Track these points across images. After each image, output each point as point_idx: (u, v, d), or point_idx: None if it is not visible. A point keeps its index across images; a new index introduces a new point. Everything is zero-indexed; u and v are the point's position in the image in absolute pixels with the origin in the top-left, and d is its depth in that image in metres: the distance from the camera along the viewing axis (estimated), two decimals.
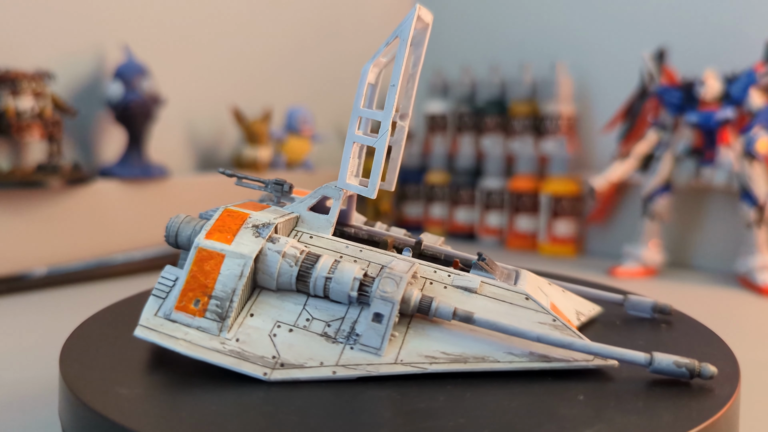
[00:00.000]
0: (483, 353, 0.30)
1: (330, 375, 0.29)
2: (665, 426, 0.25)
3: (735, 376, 0.31)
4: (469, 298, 0.32)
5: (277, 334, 0.30)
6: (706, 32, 0.81)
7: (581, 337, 0.31)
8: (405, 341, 0.30)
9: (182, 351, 0.29)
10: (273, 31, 0.95)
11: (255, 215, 0.33)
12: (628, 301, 0.40)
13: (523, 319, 0.31)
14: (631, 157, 0.79)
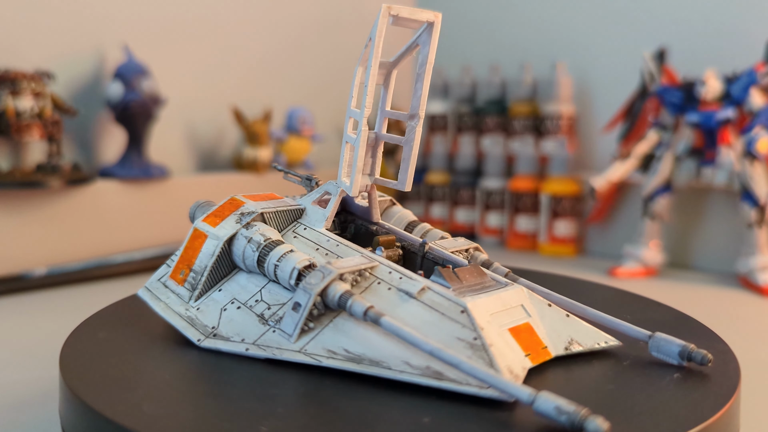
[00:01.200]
0: (380, 358, 0.29)
1: (243, 351, 0.32)
2: (665, 426, 0.25)
3: (735, 376, 0.31)
4: (403, 302, 0.31)
5: (227, 309, 0.34)
6: (706, 32, 0.81)
7: (494, 364, 0.27)
8: (320, 333, 0.31)
9: (158, 311, 0.35)
10: (273, 31, 0.95)
11: (249, 204, 0.36)
12: (654, 339, 0.32)
13: (444, 332, 0.29)
14: (632, 157, 0.79)
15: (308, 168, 0.95)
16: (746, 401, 0.39)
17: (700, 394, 0.28)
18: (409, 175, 0.35)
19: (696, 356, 0.31)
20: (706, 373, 0.31)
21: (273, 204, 0.37)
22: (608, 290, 0.46)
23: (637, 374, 0.31)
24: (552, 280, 0.47)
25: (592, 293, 0.45)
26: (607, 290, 0.46)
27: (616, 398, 0.28)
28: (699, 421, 0.26)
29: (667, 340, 0.32)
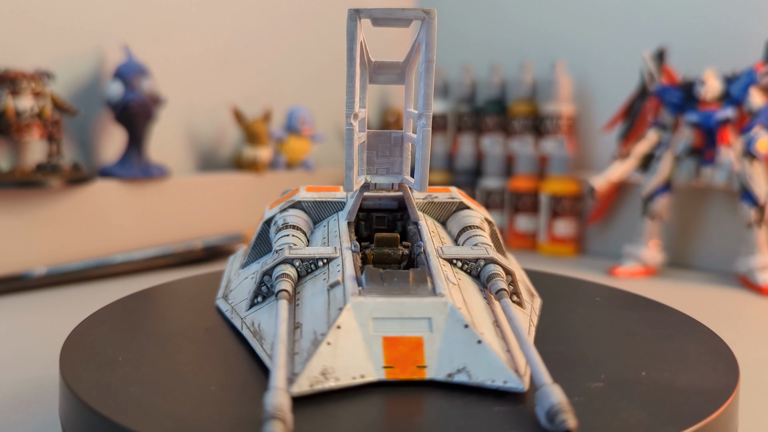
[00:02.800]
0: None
1: (219, 304, 0.39)
2: (663, 425, 0.25)
3: (735, 376, 0.31)
4: (318, 294, 0.31)
5: (246, 278, 0.38)
6: (706, 32, 0.81)
7: (310, 362, 0.27)
8: (261, 308, 0.35)
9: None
10: (273, 30, 0.95)
11: (299, 194, 0.40)
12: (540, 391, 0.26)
13: (317, 325, 0.29)
14: (631, 157, 0.79)
15: (308, 168, 0.95)
16: (745, 401, 0.39)
17: (699, 394, 0.28)
18: (423, 175, 0.35)
19: (557, 423, 0.23)
20: (705, 373, 0.31)
21: (319, 195, 0.40)
22: (608, 290, 0.46)
23: (636, 372, 0.31)
24: (552, 280, 0.47)
25: (591, 293, 0.45)
26: (606, 290, 0.46)
27: (613, 396, 0.28)
28: (698, 419, 0.26)
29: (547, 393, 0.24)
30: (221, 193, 0.84)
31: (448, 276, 0.32)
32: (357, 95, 0.33)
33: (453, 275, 0.32)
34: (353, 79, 0.33)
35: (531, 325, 0.35)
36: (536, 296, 0.40)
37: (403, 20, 0.32)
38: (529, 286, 0.41)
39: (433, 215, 0.41)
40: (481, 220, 0.39)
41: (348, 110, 0.33)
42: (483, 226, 0.39)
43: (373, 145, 0.37)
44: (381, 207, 0.40)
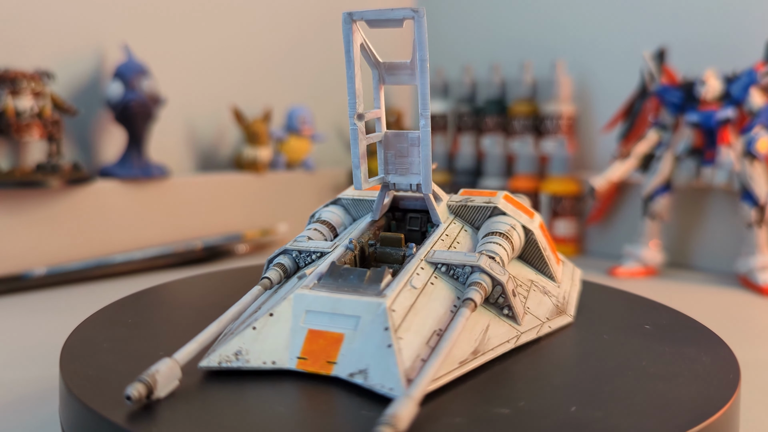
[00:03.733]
0: None
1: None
2: (665, 427, 0.25)
3: (735, 376, 0.31)
4: (289, 285, 0.34)
5: None
6: (706, 32, 0.81)
7: (228, 343, 0.30)
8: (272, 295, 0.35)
9: None
10: (273, 30, 0.95)
11: (346, 191, 0.42)
12: None
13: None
14: (632, 157, 0.79)
15: (308, 168, 0.95)
16: (746, 401, 0.39)
17: (700, 394, 0.28)
18: (426, 176, 0.35)
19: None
20: (705, 373, 0.31)
21: (360, 194, 0.42)
22: (608, 290, 0.46)
23: (635, 373, 0.31)
24: None
25: (591, 293, 0.45)
26: (606, 290, 0.46)
27: (612, 395, 0.28)
28: (698, 420, 0.26)
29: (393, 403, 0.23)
30: (221, 193, 0.84)
31: (412, 279, 0.31)
32: (359, 96, 0.34)
33: (425, 279, 0.32)
34: (352, 81, 0.33)
35: (508, 342, 0.32)
36: (566, 314, 0.38)
37: (394, 21, 0.32)
38: (564, 303, 0.38)
39: (467, 219, 0.39)
40: (509, 227, 0.37)
41: (350, 111, 0.34)
42: (511, 233, 0.37)
43: (391, 145, 0.37)
44: (417, 208, 0.40)
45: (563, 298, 0.39)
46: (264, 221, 0.89)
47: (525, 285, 0.37)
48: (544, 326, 0.35)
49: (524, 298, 0.36)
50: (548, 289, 0.38)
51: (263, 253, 0.86)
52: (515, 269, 0.38)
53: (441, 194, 0.40)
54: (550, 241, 0.40)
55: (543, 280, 0.39)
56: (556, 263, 0.40)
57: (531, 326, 0.35)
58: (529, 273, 0.38)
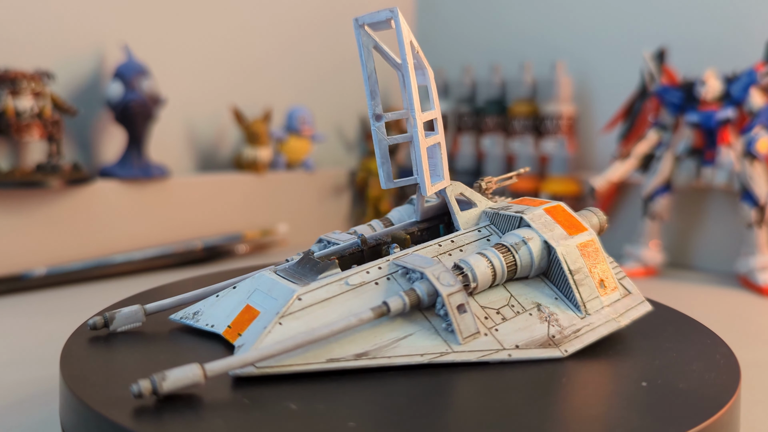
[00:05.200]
0: None
1: None
2: (665, 426, 0.25)
3: (735, 376, 0.31)
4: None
5: None
6: (706, 32, 0.81)
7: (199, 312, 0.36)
8: None
9: None
10: (273, 31, 0.95)
11: None
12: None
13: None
14: (632, 157, 0.79)
15: (308, 168, 0.95)
16: (746, 401, 0.39)
17: (700, 394, 0.28)
18: (421, 177, 0.35)
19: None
20: (705, 373, 0.31)
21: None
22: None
23: (636, 373, 0.31)
24: None
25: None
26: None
27: (617, 394, 0.28)
28: (699, 420, 0.26)
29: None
30: (221, 193, 0.84)
31: (351, 277, 0.32)
32: (374, 96, 0.34)
33: (371, 279, 0.33)
34: (366, 83, 0.34)
35: (421, 356, 0.31)
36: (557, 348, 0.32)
37: (382, 22, 0.33)
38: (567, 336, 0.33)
39: (500, 228, 0.37)
40: (519, 240, 0.34)
41: (369, 111, 0.34)
42: (518, 247, 0.34)
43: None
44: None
45: (575, 330, 0.33)
46: (264, 221, 0.89)
47: (519, 306, 0.34)
48: (501, 353, 0.31)
49: (502, 318, 0.33)
50: (558, 317, 0.33)
51: (263, 254, 0.86)
52: (521, 288, 0.35)
53: (477, 199, 0.38)
54: (599, 266, 0.35)
55: (559, 305, 0.34)
56: (598, 290, 0.34)
57: (482, 348, 0.31)
58: (540, 295, 0.34)
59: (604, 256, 0.36)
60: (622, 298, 0.35)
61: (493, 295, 0.34)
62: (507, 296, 0.33)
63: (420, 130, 0.34)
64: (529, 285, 0.35)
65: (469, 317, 0.32)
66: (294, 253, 0.80)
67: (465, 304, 0.32)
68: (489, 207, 0.38)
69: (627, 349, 0.34)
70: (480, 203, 0.38)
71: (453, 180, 0.39)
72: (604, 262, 0.36)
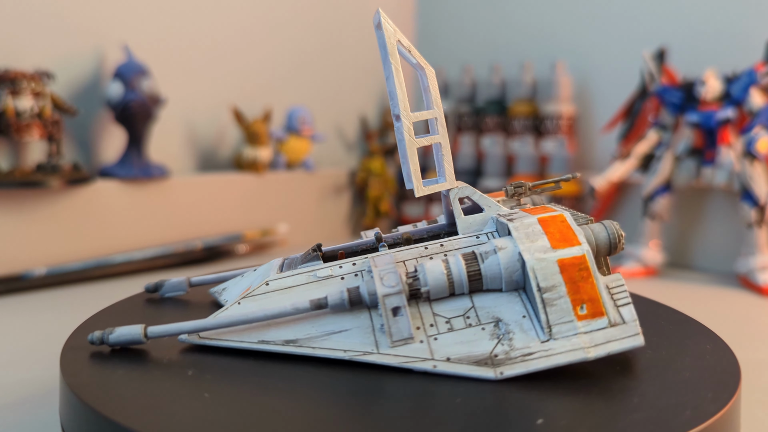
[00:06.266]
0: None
1: None
2: (665, 426, 0.25)
3: (736, 376, 0.31)
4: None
5: None
6: (706, 32, 0.81)
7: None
8: None
9: None
10: (273, 31, 0.95)
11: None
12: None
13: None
14: (632, 157, 0.79)
15: (308, 168, 0.95)
16: (746, 401, 0.39)
17: (700, 394, 0.28)
18: (407, 177, 0.34)
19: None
20: (706, 373, 0.31)
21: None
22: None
23: (636, 373, 0.31)
24: None
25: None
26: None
27: (613, 395, 0.28)
28: (699, 421, 0.26)
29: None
30: (221, 193, 0.84)
31: (320, 270, 0.35)
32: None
33: (339, 274, 0.35)
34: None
35: (344, 352, 0.31)
36: (490, 368, 0.30)
37: (376, 26, 0.33)
38: (510, 359, 0.30)
39: (501, 234, 0.35)
40: (490, 250, 0.32)
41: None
42: (485, 257, 0.32)
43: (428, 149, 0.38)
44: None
45: (526, 354, 0.30)
46: (264, 221, 0.89)
47: (474, 319, 0.32)
48: (427, 362, 0.30)
49: (450, 328, 0.31)
50: (515, 336, 0.31)
51: (263, 254, 0.86)
52: (489, 300, 0.32)
53: (486, 204, 0.36)
54: (585, 287, 0.31)
55: (522, 324, 0.31)
56: (574, 313, 0.30)
57: (410, 354, 0.31)
58: (506, 311, 0.32)
59: (597, 277, 0.31)
60: (607, 327, 0.30)
61: (454, 304, 0.32)
62: (468, 307, 0.32)
63: (407, 130, 0.34)
64: (501, 298, 0.32)
65: (403, 321, 0.31)
66: (293, 253, 0.80)
67: (402, 307, 0.31)
68: (498, 213, 0.35)
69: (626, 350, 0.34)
70: (489, 208, 0.36)
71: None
72: (594, 284, 0.31)
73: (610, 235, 0.33)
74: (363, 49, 1.06)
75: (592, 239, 0.33)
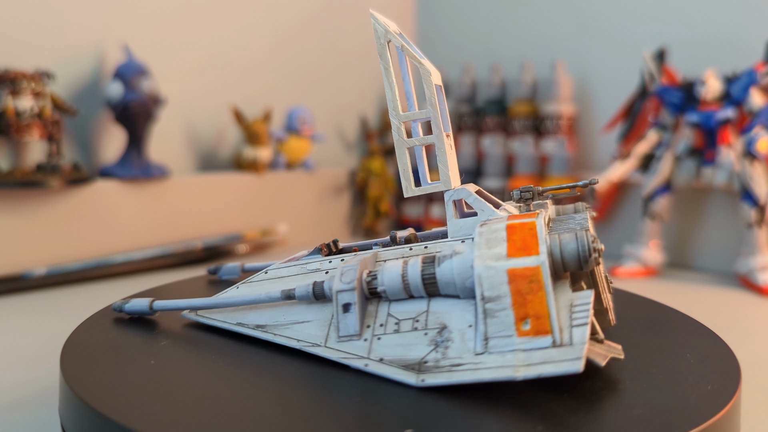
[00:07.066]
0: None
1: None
2: (666, 427, 0.25)
3: (736, 376, 0.31)
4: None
5: None
6: (706, 32, 0.81)
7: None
8: None
9: None
10: (273, 31, 0.95)
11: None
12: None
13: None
14: (632, 157, 0.79)
15: (308, 168, 0.95)
16: (746, 401, 0.39)
17: (700, 395, 0.28)
18: (402, 178, 0.35)
19: None
20: (706, 373, 0.31)
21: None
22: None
23: (637, 373, 0.31)
24: None
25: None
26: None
27: (615, 395, 0.28)
28: (699, 421, 0.26)
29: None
30: (221, 193, 0.84)
31: (311, 264, 0.37)
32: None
33: (325, 268, 0.36)
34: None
35: (298, 342, 0.33)
36: (413, 374, 0.29)
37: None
38: (423, 365, 0.30)
39: None
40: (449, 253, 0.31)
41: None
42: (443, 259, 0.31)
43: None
44: None
45: (454, 364, 0.29)
46: (264, 221, 0.89)
47: (423, 323, 0.31)
48: (360, 360, 0.31)
49: (396, 330, 0.31)
50: (452, 345, 0.30)
51: (263, 254, 0.86)
52: (445, 306, 0.31)
53: (480, 207, 0.35)
54: (533, 302, 0.28)
55: (465, 334, 0.30)
56: (515, 329, 0.28)
57: (350, 351, 0.31)
58: (456, 318, 0.30)
59: (548, 292, 0.28)
60: (548, 348, 0.27)
61: (411, 306, 0.32)
62: (422, 310, 0.31)
63: (397, 130, 0.34)
64: (457, 305, 0.31)
65: (351, 318, 0.31)
66: (293, 253, 0.80)
67: (353, 304, 0.31)
68: (490, 217, 0.34)
69: (626, 350, 0.34)
70: (482, 212, 0.34)
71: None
72: (543, 299, 0.28)
73: (580, 247, 0.29)
74: (363, 49, 1.06)
75: (557, 251, 0.29)
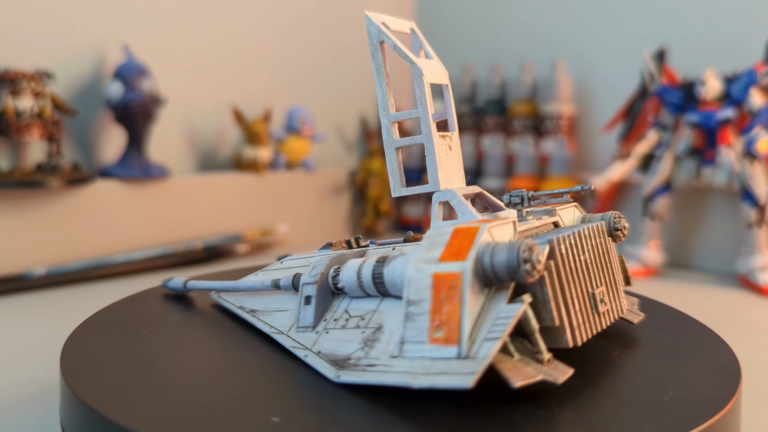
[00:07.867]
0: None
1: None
2: (666, 427, 0.25)
3: (736, 376, 0.31)
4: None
5: None
6: (706, 32, 0.81)
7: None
8: None
9: None
10: (273, 30, 0.95)
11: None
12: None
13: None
14: (632, 157, 0.79)
15: (308, 168, 0.95)
16: (746, 401, 0.39)
17: (700, 394, 0.28)
18: (389, 178, 0.34)
19: None
20: (706, 373, 0.31)
21: None
22: None
23: (639, 373, 0.31)
24: None
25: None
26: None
27: (613, 396, 0.28)
28: (699, 421, 0.26)
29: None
30: (221, 193, 0.84)
31: (316, 257, 0.39)
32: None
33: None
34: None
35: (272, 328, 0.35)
36: (334, 369, 0.30)
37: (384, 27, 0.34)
38: (346, 362, 0.30)
39: None
40: (398, 255, 0.32)
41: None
42: (392, 260, 0.31)
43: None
44: None
45: (370, 364, 0.29)
46: (264, 221, 0.89)
47: (365, 321, 0.31)
48: (303, 351, 0.32)
49: (343, 326, 0.31)
50: (378, 345, 0.29)
51: (263, 254, 0.86)
52: (391, 306, 0.31)
53: (462, 210, 0.33)
54: (448, 309, 0.27)
55: (395, 335, 0.29)
56: (428, 335, 0.27)
57: (300, 341, 0.32)
58: (394, 319, 0.30)
59: (465, 301, 0.26)
60: (452, 359, 0.26)
61: (365, 304, 0.32)
62: (371, 310, 0.31)
63: (386, 129, 0.34)
64: (400, 306, 0.30)
65: (309, 310, 0.33)
66: (293, 252, 0.80)
67: (312, 297, 0.33)
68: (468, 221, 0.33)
69: (626, 349, 0.34)
70: (463, 215, 0.32)
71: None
72: (457, 307, 0.26)
73: (509, 258, 0.26)
74: (363, 49, 1.06)
75: (487, 259, 0.27)
